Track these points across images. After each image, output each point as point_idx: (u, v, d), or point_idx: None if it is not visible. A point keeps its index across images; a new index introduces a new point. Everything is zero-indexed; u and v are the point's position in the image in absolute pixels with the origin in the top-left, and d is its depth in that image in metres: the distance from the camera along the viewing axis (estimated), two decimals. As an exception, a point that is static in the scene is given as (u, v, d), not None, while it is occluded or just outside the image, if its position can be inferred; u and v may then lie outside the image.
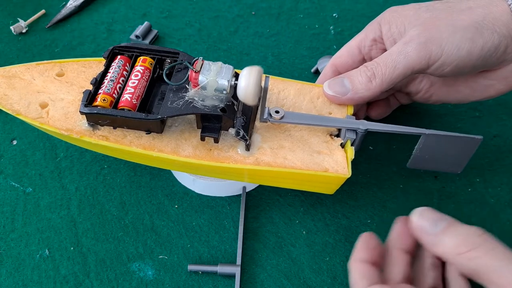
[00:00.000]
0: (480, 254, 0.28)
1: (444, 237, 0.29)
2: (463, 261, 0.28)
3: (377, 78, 0.36)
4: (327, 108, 0.39)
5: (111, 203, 0.42)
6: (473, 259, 0.28)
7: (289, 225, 0.41)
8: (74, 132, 0.36)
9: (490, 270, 0.27)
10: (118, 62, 0.37)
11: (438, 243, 0.29)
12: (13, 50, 0.53)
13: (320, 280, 0.38)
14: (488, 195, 0.43)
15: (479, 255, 0.28)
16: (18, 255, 0.39)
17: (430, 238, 0.30)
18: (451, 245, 0.29)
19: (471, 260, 0.28)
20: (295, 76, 0.52)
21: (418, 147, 0.37)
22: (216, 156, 0.36)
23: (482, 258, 0.28)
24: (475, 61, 0.35)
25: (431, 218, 0.30)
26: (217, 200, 0.43)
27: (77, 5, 0.57)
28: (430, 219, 0.30)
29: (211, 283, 0.38)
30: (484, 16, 0.35)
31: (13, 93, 0.38)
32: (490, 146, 0.46)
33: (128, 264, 0.39)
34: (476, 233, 0.29)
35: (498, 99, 0.49)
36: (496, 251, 0.28)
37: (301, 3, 0.59)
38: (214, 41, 0.55)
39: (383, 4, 0.59)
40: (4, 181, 0.43)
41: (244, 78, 0.31)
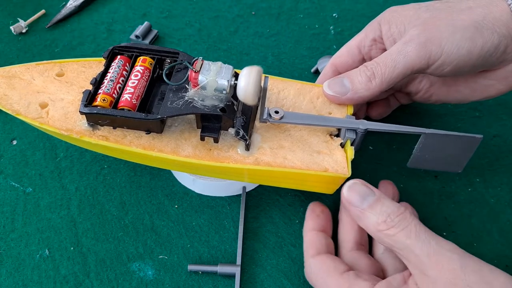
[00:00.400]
0: (396, 232, 0.30)
1: (368, 213, 0.32)
2: (382, 236, 0.31)
3: (377, 78, 0.36)
4: (327, 108, 0.39)
5: (111, 203, 0.42)
6: (390, 236, 0.31)
7: (289, 225, 0.41)
8: (74, 132, 0.36)
9: (403, 246, 0.30)
10: (118, 62, 0.37)
11: (363, 217, 0.32)
12: (13, 50, 0.53)
13: (320, 280, 0.38)
14: (488, 195, 0.43)
15: (394, 233, 0.30)
16: (18, 255, 0.39)
17: (356, 211, 0.32)
18: (373, 222, 0.31)
19: (388, 237, 0.31)
20: (295, 76, 0.52)
21: (418, 147, 0.37)
22: (216, 156, 0.36)
23: (397, 236, 0.30)
24: (475, 60, 0.35)
25: (360, 192, 0.33)
26: (217, 200, 0.43)
27: (77, 5, 0.57)
28: (358, 193, 0.33)
29: (211, 283, 0.38)
30: (484, 16, 0.35)
31: (13, 93, 0.38)
32: (490, 146, 0.46)
33: (128, 264, 0.39)
34: (396, 211, 0.31)
35: (498, 99, 0.49)
36: (408, 229, 0.30)
37: (301, 3, 0.59)
38: (214, 41, 0.55)
39: (383, 4, 0.59)
40: (4, 181, 0.43)
41: (244, 78, 0.31)
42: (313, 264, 0.35)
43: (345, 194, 0.33)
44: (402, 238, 0.30)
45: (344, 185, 0.33)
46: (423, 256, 0.29)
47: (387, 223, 0.31)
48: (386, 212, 0.31)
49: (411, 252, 0.30)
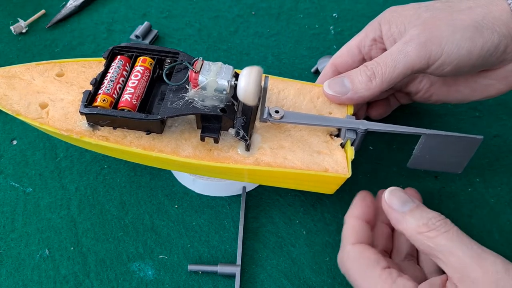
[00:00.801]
0: (437, 234, 0.31)
1: (409, 217, 0.32)
2: (422, 239, 0.31)
3: (377, 77, 0.36)
4: (327, 108, 0.39)
5: (111, 203, 0.42)
6: (431, 238, 0.31)
7: (289, 225, 0.41)
8: (74, 133, 0.36)
9: (443, 249, 0.30)
10: (118, 62, 0.37)
11: (402, 221, 0.32)
12: (13, 50, 0.53)
13: (320, 280, 0.38)
14: (488, 195, 0.43)
15: (436, 235, 0.31)
16: (18, 255, 0.39)
17: (396, 215, 0.33)
18: (414, 225, 0.32)
19: (429, 239, 0.31)
20: (295, 76, 0.52)
21: (418, 147, 0.37)
22: (216, 156, 0.36)
23: (438, 238, 0.31)
24: (475, 60, 0.35)
25: (400, 197, 0.33)
26: (217, 200, 0.43)
27: (77, 5, 0.57)
28: (399, 198, 0.33)
29: (211, 283, 0.38)
30: (484, 15, 0.35)
31: (13, 93, 0.38)
32: (490, 146, 0.46)
33: (128, 264, 0.39)
34: (438, 217, 0.32)
35: (498, 99, 0.49)
36: (450, 232, 0.31)
37: (301, 3, 0.59)
38: (214, 41, 0.55)
39: (383, 4, 0.59)
40: (4, 181, 0.43)
41: (244, 78, 0.31)
42: (352, 251, 0.34)
43: (386, 198, 0.33)
44: (444, 241, 0.30)
45: (386, 191, 0.34)
46: (466, 258, 0.29)
47: (429, 226, 0.31)
48: (427, 217, 0.32)
49: (451, 255, 0.30)
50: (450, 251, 0.30)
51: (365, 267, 0.33)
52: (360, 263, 0.33)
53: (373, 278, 0.32)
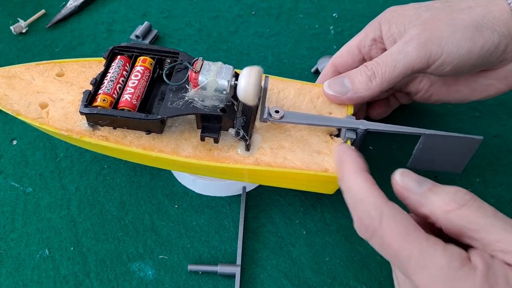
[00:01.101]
0: (471, 211, 0.27)
1: (432, 196, 0.28)
2: (453, 218, 0.27)
3: (377, 77, 0.36)
4: (327, 108, 0.39)
5: (111, 203, 0.42)
6: (464, 217, 0.27)
7: (289, 225, 0.41)
8: (74, 132, 0.36)
9: (479, 227, 0.27)
10: (118, 62, 0.37)
11: (426, 202, 0.28)
12: (13, 50, 0.53)
13: (320, 280, 0.38)
14: (488, 195, 0.43)
15: (470, 212, 0.27)
16: (18, 255, 0.39)
17: (416, 197, 0.29)
18: (440, 203, 0.28)
19: (462, 217, 0.27)
20: (295, 76, 0.52)
21: (418, 147, 0.37)
22: (216, 156, 0.36)
23: (472, 215, 0.27)
24: (475, 60, 0.35)
25: (414, 178, 0.29)
26: (217, 200, 0.43)
27: (77, 5, 0.57)
28: (414, 179, 0.29)
29: (211, 283, 0.38)
30: (484, 15, 0.35)
31: (13, 93, 0.38)
32: (490, 146, 0.46)
33: (128, 264, 0.39)
34: (463, 191, 0.28)
35: (498, 99, 0.49)
36: (485, 209, 0.27)
37: (301, 3, 0.59)
38: (214, 41, 0.55)
39: (383, 4, 0.59)
40: (4, 181, 0.43)
41: (244, 78, 0.31)
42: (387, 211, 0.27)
43: (399, 180, 0.29)
44: (479, 219, 0.27)
45: (394, 174, 0.30)
46: (509, 235, 0.26)
47: (458, 202, 0.27)
48: (452, 192, 0.28)
49: (489, 234, 0.26)
50: (487, 229, 0.26)
51: (408, 229, 0.27)
52: (402, 225, 0.27)
53: (421, 242, 0.26)
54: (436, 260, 0.26)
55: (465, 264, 0.25)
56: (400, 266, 0.27)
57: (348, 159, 0.31)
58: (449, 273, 0.25)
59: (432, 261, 0.26)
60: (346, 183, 0.30)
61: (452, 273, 0.25)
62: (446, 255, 0.26)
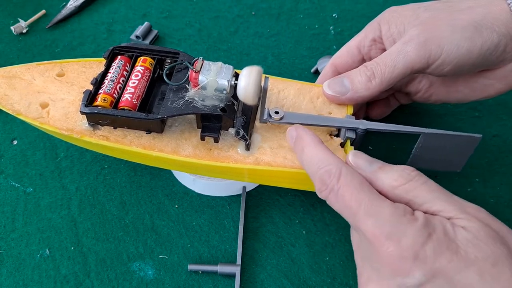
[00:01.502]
0: (416, 186, 0.29)
1: (380, 174, 0.31)
2: (400, 193, 0.30)
3: (377, 77, 0.36)
4: (326, 108, 0.39)
5: (111, 203, 0.42)
6: (410, 191, 0.29)
7: (289, 225, 0.41)
8: (74, 132, 0.36)
9: (424, 200, 0.29)
10: (118, 62, 0.37)
11: (375, 179, 0.31)
12: (14, 50, 0.53)
13: (320, 280, 0.38)
14: (488, 195, 0.43)
15: (415, 186, 0.29)
16: (19, 254, 0.39)
17: (366, 175, 0.31)
18: (388, 180, 0.30)
19: (408, 192, 0.29)
20: (295, 76, 0.52)
21: (418, 146, 0.37)
22: (216, 156, 0.36)
23: (417, 190, 0.29)
24: (474, 60, 0.36)
25: (366, 158, 0.32)
26: (217, 200, 0.43)
27: (77, 6, 0.57)
28: (364, 159, 0.32)
29: (211, 283, 0.38)
30: (484, 15, 0.35)
31: (14, 93, 0.38)
32: (490, 146, 0.46)
33: (128, 263, 0.39)
34: (410, 168, 0.31)
35: (498, 99, 0.49)
36: (430, 184, 0.30)
37: (301, 3, 0.59)
38: (214, 41, 0.55)
39: (383, 4, 0.59)
40: (4, 181, 0.43)
41: (244, 78, 0.31)
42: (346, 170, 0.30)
43: (351, 160, 0.32)
44: (424, 192, 0.29)
45: (347, 155, 0.33)
46: (450, 206, 0.28)
47: (405, 177, 0.30)
48: (399, 169, 0.30)
49: (433, 206, 0.29)
50: (432, 202, 0.29)
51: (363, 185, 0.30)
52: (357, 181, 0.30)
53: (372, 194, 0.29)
54: (383, 209, 0.28)
55: (409, 214, 0.28)
56: (350, 216, 0.29)
57: (306, 134, 0.33)
58: (394, 218, 0.28)
59: (379, 209, 0.28)
60: (308, 154, 0.32)
61: (396, 218, 0.28)
62: (393, 206, 0.28)
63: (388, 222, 0.27)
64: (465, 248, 0.27)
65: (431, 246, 0.27)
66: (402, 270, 0.27)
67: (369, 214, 0.28)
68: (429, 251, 0.26)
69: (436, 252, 0.26)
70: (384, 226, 0.27)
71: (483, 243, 0.27)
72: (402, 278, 0.27)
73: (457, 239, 0.27)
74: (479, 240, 0.27)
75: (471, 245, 0.27)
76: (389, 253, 0.27)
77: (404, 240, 0.27)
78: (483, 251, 0.26)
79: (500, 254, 0.26)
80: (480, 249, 0.26)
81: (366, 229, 0.28)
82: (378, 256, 0.28)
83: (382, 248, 0.27)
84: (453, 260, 0.26)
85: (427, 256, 0.26)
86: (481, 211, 0.29)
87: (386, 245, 0.27)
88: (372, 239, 0.28)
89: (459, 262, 0.26)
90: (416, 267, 0.26)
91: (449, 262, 0.26)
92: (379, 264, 0.28)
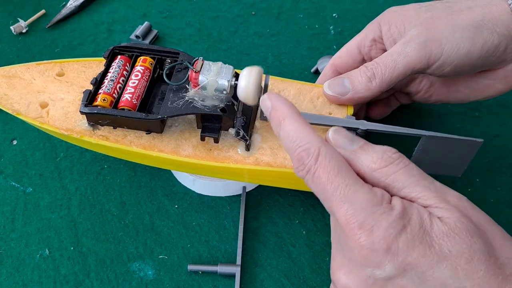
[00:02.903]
0: (395, 170, 0.28)
1: (361, 154, 0.29)
2: (379, 176, 0.28)
3: (377, 78, 0.36)
4: (327, 108, 0.39)
5: (111, 203, 0.42)
6: (389, 175, 0.28)
7: (289, 225, 0.41)
8: (74, 132, 0.36)
9: (403, 185, 0.28)
10: (118, 62, 0.37)
11: (355, 158, 0.29)
12: (13, 50, 0.53)
13: (320, 280, 0.38)
14: (488, 195, 0.43)
15: (394, 171, 0.28)
16: (18, 255, 0.39)
17: (346, 154, 0.29)
18: (368, 161, 0.29)
19: (387, 176, 0.28)
20: (295, 76, 0.52)
21: (418, 149, 0.37)
22: (216, 156, 0.36)
23: (397, 174, 0.28)
24: (475, 60, 0.35)
25: (347, 135, 0.30)
26: (217, 200, 0.43)
27: (77, 5, 0.57)
28: (345, 136, 0.30)
29: (211, 283, 0.38)
30: (484, 15, 0.35)
31: (13, 93, 0.38)
32: (490, 146, 0.46)
33: (128, 264, 0.39)
34: (392, 150, 0.29)
35: (498, 99, 0.49)
36: (410, 168, 0.28)
37: (301, 3, 0.59)
38: (214, 41, 0.55)
39: (383, 4, 0.59)
40: (4, 181, 0.43)
41: (244, 78, 0.31)
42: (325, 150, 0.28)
43: (331, 137, 0.30)
44: (404, 177, 0.28)
45: (328, 131, 0.31)
46: (430, 193, 0.27)
47: (385, 160, 0.28)
48: (380, 151, 0.29)
49: (412, 192, 0.28)
50: (412, 186, 0.28)
51: (341, 167, 0.28)
52: (335, 162, 0.28)
53: (349, 178, 0.28)
54: (359, 194, 0.27)
55: (385, 202, 0.27)
56: (326, 199, 0.28)
57: (280, 105, 0.30)
58: (368, 207, 0.26)
59: (355, 194, 0.27)
60: (285, 128, 0.30)
61: (370, 207, 0.26)
62: (370, 193, 0.27)
63: (363, 210, 0.26)
64: (439, 241, 0.26)
65: (404, 239, 0.25)
66: (373, 262, 0.26)
67: (344, 200, 0.27)
68: (401, 244, 0.25)
69: (409, 245, 0.26)
70: (358, 214, 0.26)
71: (459, 237, 0.26)
72: (372, 269, 0.26)
73: (432, 232, 0.26)
74: (455, 233, 0.26)
75: (446, 238, 0.26)
76: (360, 243, 0.26)
77: (377, 231, 0.26)
78: (458, 245, 0.25)
79: (476, 249, 0.25)
80: (455, 243, 0.25)
81: (340, 215, 0.27)
82: (350, 244, 0.27)
83: (354, 237, 0.26)
84: (425, 254, 0.25)
85: (399, 249, 0.25)
86: (462, 200, 0.28)
87: (358, 234, 0.26)
88: (345, 227, 0.27)
89: (432, 257, 0.25)
90: (387, 260, 0.26)
91: (421, 257, 0.25)
92: (351, 253, 0.27)
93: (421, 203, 0.27)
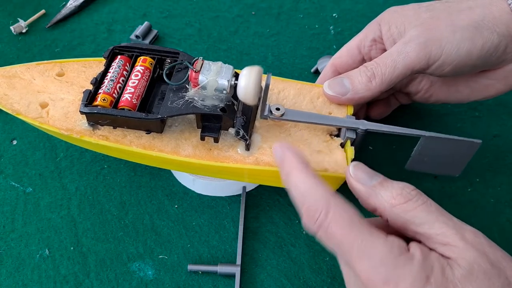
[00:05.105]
0: (415, 206, 0.28)
1: (380, 189, 0.29)
2: (398, 212, 0.28)
3: (377, 78, 0.36)
4: (327, 108, 0.39)
5: (111, 203, 0.42)
6: (408, 211, 0.28)
7: (289, 225, 0.41)
8: (74, 132, 0.36)
9: (422, 221, 0.28)
10: (118, 62, 0.37)
11: (374, 195, 0.29)
12: (13, 50, 0.53)
13: (320, 280, 0.38)
14: (488, 195, 0.43)
15: (414, 207, 0.28)
16: (18, 255, 0.39)
17: (366, 189, 0.30)
18: (387, 197, 0.29)
19: (406, 212, 0.28)
20: (295, 76, 0.52)
21: (417, 149, 0.37)
22: (216, 156, 0.36)
23: (416, 210, 0.28)
24: (475, 60, 0.36)
25: (366, 171, 0.31)
26: (217, 200, 0.43)
27: (77, 5, 0.57)
28: (365, 171, 0.31)
29: (211, 283, 0.38)
30: (484, 15, 0.35)
31: (13, 93, 0.38)
32: (490, 146, 0.46)
33: (128, 264, 0.39)
34: (410, 187, 0.29)
35: (498, 99, 0.49)
36: (429, 205, 0.28)
37: (301, 3, 0.59)
38: (214, 41, 0.55)
39: (383, 4, 0.59)
40: (4, 181, 0.43)
41: (244, 78, 0.31)
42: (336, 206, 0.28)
43: (352, 173, 0.31)
44: (423, 213, 0.28)
45: (349, 166, 0.32)
46: (449, 229, 0.27)
47: (404, 196, 0.28)
48: (399, 187, 0.29)
49: (431, 228, 0.27)
50: (431, 223, 0.28)
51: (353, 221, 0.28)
52: (347, 216, 0.28)
53: (363, 232, 0.27)
54: (377, 248, 0.26)
55: (404, 253, 0.26)
56: (343, 255, 0.28)
57: (290, 156, 0.30)
58: (389, 261, 0.26)
59: (373, 249, 0.26)
60: (293, 180, 0.30)
61: (391, 261, 0.26)
62: (387, 244, 0.27)
63: (384, 265, 0.26)
64: (462, 287, 0.26)
65: None
66: None
67: (363, 255, 0.26)
68: None
69: None
70: (379, 270, 0.26)
71: (479, 279, 0.26)
72: None
73: (454, 278, 0.26)
74: (476, 276, 0.26)
75: (467, 283, 0.26)
76: None
77: (402, 285, 0.25)
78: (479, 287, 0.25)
79: None
80: (476, 286, 0.25)
81: (360, 271, 0.26)
82: None
83: None
84: None
85: None
86: (479, 236, 0.28)
87: None
88: (367, 282, 0.26)
89: None
90: None
91: None
92: None
93: (440, 239, 0.27)
